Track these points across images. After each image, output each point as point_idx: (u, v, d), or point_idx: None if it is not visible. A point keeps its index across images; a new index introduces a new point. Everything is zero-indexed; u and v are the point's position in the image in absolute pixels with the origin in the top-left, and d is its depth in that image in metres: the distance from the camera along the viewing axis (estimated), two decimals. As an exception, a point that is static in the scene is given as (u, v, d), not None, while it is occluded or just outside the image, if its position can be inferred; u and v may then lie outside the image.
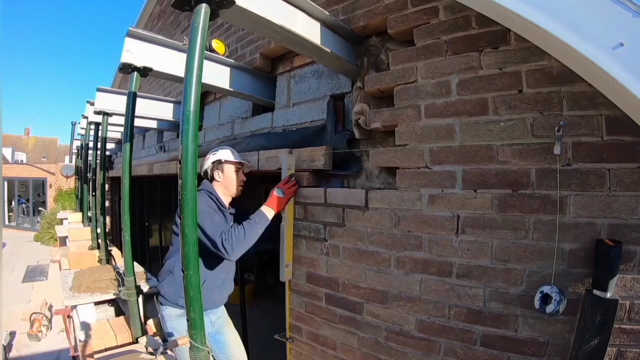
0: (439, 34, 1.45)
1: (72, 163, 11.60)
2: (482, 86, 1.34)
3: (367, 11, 1.71)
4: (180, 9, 1.03)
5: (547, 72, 1.21)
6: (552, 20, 1.01)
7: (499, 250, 1.30)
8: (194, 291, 1.02)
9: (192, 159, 1.00)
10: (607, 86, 1.06)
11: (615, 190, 1.12)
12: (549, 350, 1.22)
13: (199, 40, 0.99)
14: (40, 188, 15.45)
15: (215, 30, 2.99)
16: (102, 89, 2.80)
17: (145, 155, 5.04)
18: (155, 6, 5.22)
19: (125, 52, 1.68)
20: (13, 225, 15.31)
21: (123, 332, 1.92)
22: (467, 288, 1.36)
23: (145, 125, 3.95)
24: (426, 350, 1.47)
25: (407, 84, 1.54)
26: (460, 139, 1.38)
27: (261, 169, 2.13)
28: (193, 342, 1.06)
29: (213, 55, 2.17)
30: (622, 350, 1.12)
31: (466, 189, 1.37)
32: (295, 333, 2.03)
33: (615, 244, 1.09)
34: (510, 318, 1.28)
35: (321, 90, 2.10)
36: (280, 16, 1.32)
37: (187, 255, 1.01)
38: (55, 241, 7.52)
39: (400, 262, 1.54)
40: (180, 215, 1.01)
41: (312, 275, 1.91)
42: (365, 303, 1.67)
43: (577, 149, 1.17)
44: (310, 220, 1.91)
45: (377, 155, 1.64)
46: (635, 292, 1.10)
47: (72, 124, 6.68)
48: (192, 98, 0.98)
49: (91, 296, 2.32)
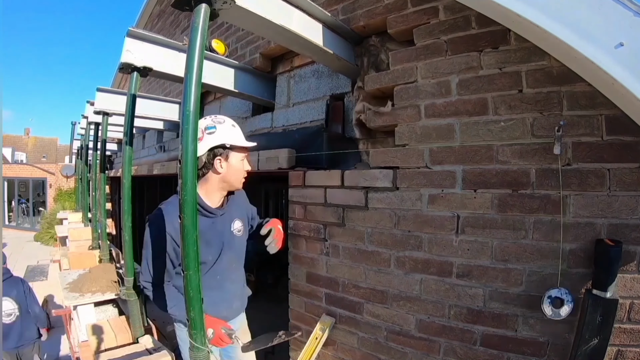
0: (439, 34, 1.45)
1: (72, 163, 11.60)
2: (482, 86, 1.34)
3: (367, 11, 1.71)
4: (180, 9, 1.03)
5: (547, 72, 1.21)
6: (552, 20, 1.00)
7: (499, 250, 1.30)
8: (193, 291, 1.02)
9: (192, 159, 1.00)
10: (607, 86, 1.06)
11: (615, 190, 1.12)
12: (549, 350, 1.22)
13: (199, 40, 0.99)
14: (40, 188, 15.45)
15: (215, 30, 2.99)
16: (102, 89, 2.79)
17: (145, 155, 5.04)
18: (155, 6, 5.22)
19: (125, 52, 1.68)
20: (13, 225, 15.31)
21: (123, 332, 1.92)
22: (467, 288, 1.36)
23: (145, 125, 3.94)
24: (426, 350, 1.47)
25: (407, 83, 1.54)
26: (460, 139, 1.38)
27: (261, 169, 2.13)
28: (193, 342, 1.06)
29: (213, 55, 2.17)
30: (622, 350, 1.12)
31: (466, 189, 1.37)
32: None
33: (615, 244, 1.09)
34: (510, 318, 1.28)
35: (321, 90, 2.10)
36: (280, 16, 1.32)
37: (187, 255, 1.01)
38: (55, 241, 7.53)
39: (400, 262, 1.54)
40: (181, 215, 1.01)
41: (312, 275, 1.91)
42: (365, 303, 1.67)
43: (577, 149, 1.17)
44: (310, 220, 1.91)
45: (377, 155, 1.64)
46: (635, 292, 1.10)
47: (72, 124, 6.67)
48: (192, 98, 0.98)
49: (91, 296, 2.32)
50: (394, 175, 1.56)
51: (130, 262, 1.92)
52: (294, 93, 2.30)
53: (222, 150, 1.35)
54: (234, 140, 1.37)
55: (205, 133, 1.33)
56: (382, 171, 1.59)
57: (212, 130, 1.34)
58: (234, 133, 1.39)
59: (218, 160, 1.36)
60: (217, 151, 1.35)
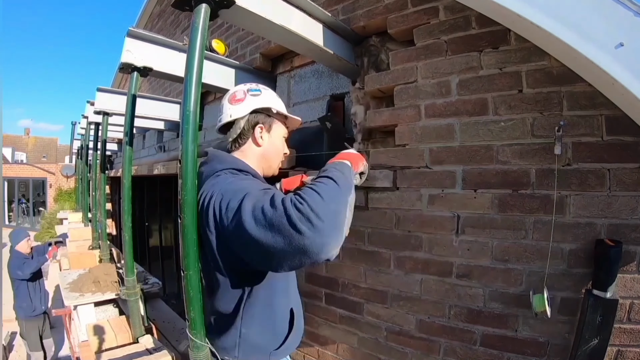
0: (439, 34, 1.45)
1: (72, 163, 11.60)
2: (482, 86, 1.34)
3: (367, 11, 1.71)
4: (180, 9, 1.03)
5: (547, 72, 1.21)
6: (552, 20, 1.01)
7: (499, 250, 1.30)
8: (194, 291, 1.02)
9: (192, 159, 0.99)
10: (607, 86, 1.06)
11: (615, 191, 1.12)
12: (549, 350, 1.22)
13: (199, 40, 0.99)
14: (40, 188, 15.45)
15: (215, 30, 2.99)
16: (102, 88, 2.79)
17: (145, 155, 5.04)
18: (155, 6, 5.22)
19: (125, 52, 1.67)
20: (13, 225, 15.31)
21: (123, 332, 1.92)
22: (467, 288, 1.36)
23: (146, 125, 3.94)
24: (426, 350, 1.47)
25: (407, 84, 1.54)
26: (460, 139, 1.38)
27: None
28: (193, 339, 1.06)
29: (213, 55, 2.17)
30: (622, 350, 1.12)
31: (466, 189, 1.37)
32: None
33: (615, 244, 1.09)
34: (510, 318, 1.28)
35: (321, 90, 2.10)
36: (280, 16, 1.32)
37: (187, 255, 1.01)
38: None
39: (400, 262, 1.54)
40: (180, 215, 1.01)
41: (312, 275, 1.91)
42: (365, 303, 1.67)
43: (577, 149, 1.17)
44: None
45: (377, 155, 1.64)
46: (635, 292, 1.10)
47: (72, 124, 6.66)
48: (192, 98, 0.98)
49: (91, 296, 2.32)
50: (394, 175, 1.56)
51: (131, 262, 1.92)
52: (294, 93, 2.30)
53: (266, 117, 1.10)
54: (281, 108, 1.13)
55: (248, 94, 1.09)
56: (382, 171, 1.59)
57: (256, 92, 1.10)
58: (280, 102, 1.16)
59: (260, 128, 1.09)
60: (260, 117, 1.09)
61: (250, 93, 1.10)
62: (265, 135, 1.11)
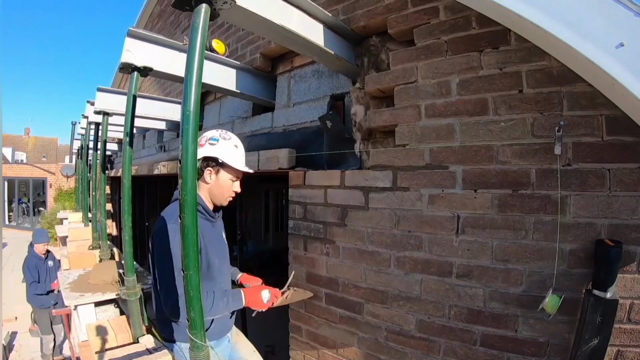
0: (439, 34, 1.45)
1: (72, 163, 11.60)
2: (482, 86, 1.34)
3: (367, 11, 1.71)
4: (181, 9, 1.03)
5: (547, 72, 1.21)
6: (552, 20, 1.00)
7: (499, 250, 1.30)
8: (194, 291, 1.02)
9: (192, 159, 1.00)
10: (607, 86, 1.06)
11: (616, 191, 1.12)
12: (549, 350, 1.22)
13: (199, 40, 0.99)
14: (40, 188, 15.45)
15: (216, 30, 2.99)
16: (102, 88, 2.79)
17: (146, 155, 5.04)
18: (156, 6, 5.22)
19: (125, 52, 1.67)
20: (13, 225, 15.31)
21: (123, 332, 1.92)
22: (467, 288, 1.37)
23: (146, 125, 3.94)
24: (426, 350, 1.47)
25: (407, 84, 1.54)
26: (460, 139, 1.38)
27: (261, 169, 2.13)
28: (194, 339, 1.06)
29: (213, 55, 2.16)
30: (622, 350, 1.12)
31: (466, 189, 1.37)
32: (295, 333, 2.03)
33: (615, 244, 1.09)
34: (510, 318, 1.28)
35: (321, 90, 2.10)
36: (280, 16, 1.32)
37: (187, 255, 1.01)
38: (56, 241, 7.53)
39: (400, 262, 1.54)
40: (181, 215, 1.01)
41: (312, 275, 1.91)
42: (365, 303, 1.67)
43: (577, 149, 1.17)
44: (310, 220, 1.91)
45: (377, 155, 1.64)
46: (635, 292, 1.10)
47: (72, 123, 6.66)
48: (192, 98, 0.98)
49: (92, 296, 2.32)
50: (394, 175, 1.56)
51: (131, 262, 1.92)
52: (294, 93, 2.30)
53: (214, 163, 1.39)
54: (229, 159, 1.39)
55: (207, 142, 1.39)
56: (382, 171, 1.59)
57: (214, 142, 1.39)
58: (233, 153, 1.41)
59: (208, 171, 1.39)
60: (209, 162, 1.39)
61: (209, 142, 1.39)
62: (214, 176, 1.41)
